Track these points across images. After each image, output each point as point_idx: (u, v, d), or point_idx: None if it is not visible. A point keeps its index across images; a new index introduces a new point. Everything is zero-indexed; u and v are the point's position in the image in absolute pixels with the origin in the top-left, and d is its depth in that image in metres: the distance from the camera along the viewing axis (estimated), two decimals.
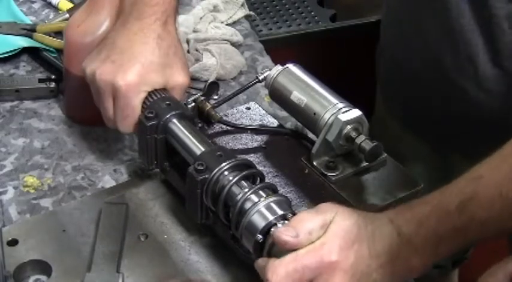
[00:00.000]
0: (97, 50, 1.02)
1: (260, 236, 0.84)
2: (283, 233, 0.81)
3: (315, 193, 0.98)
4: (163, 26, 1.01)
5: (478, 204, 0.79)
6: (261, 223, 0.84)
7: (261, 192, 0.87)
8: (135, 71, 0.98)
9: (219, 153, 0.91)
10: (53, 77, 1.24)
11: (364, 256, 0.82)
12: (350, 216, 0.83)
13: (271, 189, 0.88)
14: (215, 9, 1.41)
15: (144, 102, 0.99)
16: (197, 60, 1.29)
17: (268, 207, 0.85)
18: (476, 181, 0.81)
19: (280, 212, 0.85)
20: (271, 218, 0.84)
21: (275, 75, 1.06)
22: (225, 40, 1.33)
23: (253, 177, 0.90)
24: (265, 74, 1.08)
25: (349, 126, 0.97)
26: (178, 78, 1.01)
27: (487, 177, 0.80)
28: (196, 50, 1.31)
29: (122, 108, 0.99)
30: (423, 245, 0.82)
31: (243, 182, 0.88)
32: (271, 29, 1.86)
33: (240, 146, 1.06)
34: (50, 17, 1.42)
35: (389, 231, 0.82)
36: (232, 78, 1.29)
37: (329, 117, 0.98)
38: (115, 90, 0.98)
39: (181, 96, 1.03)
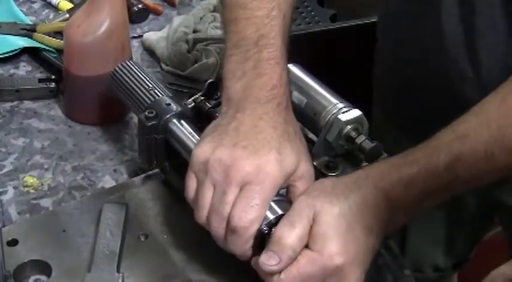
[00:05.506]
0: (215, 138, 0.87)
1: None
2: (266, 263, 0.81)
3: None
4: (286, 110, 0.90)
5: (465, 164, 0.81)
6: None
7: None
8: (273, 158, 0.85)
9: None
10: (53, 77, 1.24)
11: (361, 240, 0.82)
12: (332, 207, 0.82)
13: None
14: (215, 9, 1.41)
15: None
16: (197, 60, 1.29)
17: (268, 207, 0.85)
18: (463, 140, 0.82)
19: (280, 212, 0.85)
20: (271, 217, 0.84)
21: None
22: None
23: None
24: None
25: (349, 126, 0.97)
26: (306, 166, 0.89)
27: (472, 136, 0.82)
28: (196, 50, 1.31)
29: (250, 196, 0.83)
30: (411, 205, 0.84)
31: None
32: None
33: None
34: (50, 17, 1.42)
35: (377, 200, 0.82)
36: None
37: (329, 117, 0.98)
38: (247, 179, 0.84)
39: (308, 185, 0.89)
